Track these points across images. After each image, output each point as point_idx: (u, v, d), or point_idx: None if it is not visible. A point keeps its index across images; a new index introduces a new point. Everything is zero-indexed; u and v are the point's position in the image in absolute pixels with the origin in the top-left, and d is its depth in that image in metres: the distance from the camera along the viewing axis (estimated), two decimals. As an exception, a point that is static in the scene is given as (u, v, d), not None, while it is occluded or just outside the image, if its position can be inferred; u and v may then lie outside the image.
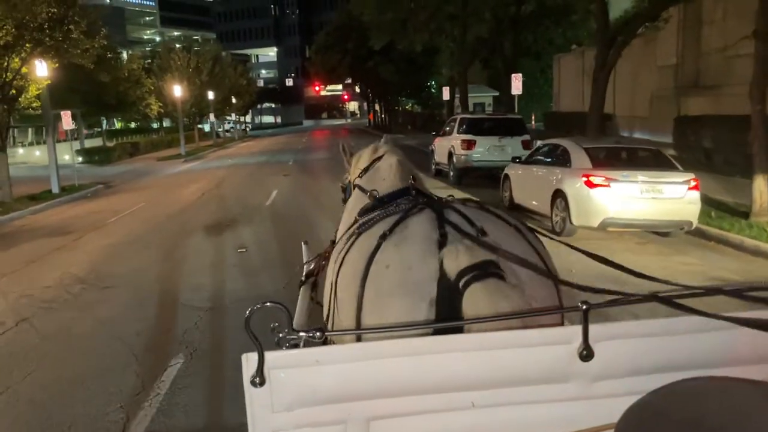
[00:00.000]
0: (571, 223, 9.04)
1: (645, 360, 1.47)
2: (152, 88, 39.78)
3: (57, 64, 18.46)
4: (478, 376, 1.44)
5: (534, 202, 10.55)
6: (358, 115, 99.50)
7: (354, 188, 2.86)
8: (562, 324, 1.71)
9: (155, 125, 59.20)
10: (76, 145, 42.31)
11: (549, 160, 10.39)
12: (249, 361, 1.35)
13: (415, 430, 1.47)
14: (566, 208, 9.09)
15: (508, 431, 1.50)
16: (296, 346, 1.48)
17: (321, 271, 2.69)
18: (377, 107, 65.64)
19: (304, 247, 3.51)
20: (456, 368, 1.42)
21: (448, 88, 30.95)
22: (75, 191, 20.88)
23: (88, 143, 42.36)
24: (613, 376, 1.47)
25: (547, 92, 46.03)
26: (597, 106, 15.26)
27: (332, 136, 51.93)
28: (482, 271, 1.63)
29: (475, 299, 1.60)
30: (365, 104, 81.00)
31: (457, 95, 33.55)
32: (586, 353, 1.43)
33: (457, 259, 1.67)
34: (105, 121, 61.54)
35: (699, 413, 1.08)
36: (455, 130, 16.75)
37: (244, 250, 9.34)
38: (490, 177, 16.55)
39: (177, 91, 38.44)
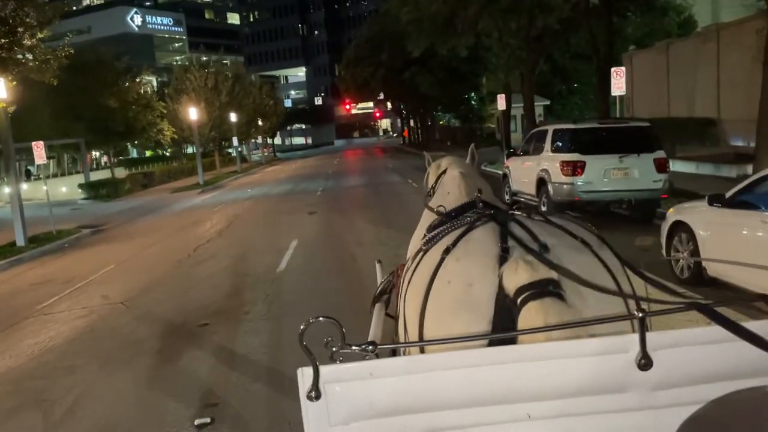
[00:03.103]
0: None
1: (706, 368, 1.40)
2: (164, 111, 35.66)
3: (14, 81, 14.16)
4: (534, 387, 1.39)
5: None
6: (391, 133, 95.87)
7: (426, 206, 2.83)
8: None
9: (190, 150, 55.42)
10: (100, 175, 38.65)
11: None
12: (304, 376, 1.34)
13: None
14: None
15: None
16: (377, 356, 1.46)
17: (394, 288, 2.60)
18: (412, 123, 60.92)
19: (377, 266, 3.48)
20: (511, 380, 1.38)
21: (503, 96, 25.84)
22: (49, 241, 16.45)
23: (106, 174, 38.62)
24: (674, 385, 1.41)
25: (604, 98, 40.71)
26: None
27: (367, 157, 47.23)
28: (540, 290, 1.56)
29: (529, 318, 1.54)
30: (398, 121, 76.88)
31: (519, 105, 28.73)
32: (645, 362, 1.36)
33: (516, 275, 1.61)
34: (134, 150, 58.48)
35: (759, 425, 1.01)
36: (547, 146, 11.68)
37: (206, 421, 4.43)
38: (605, 214, 11.47)
39: (193, 113, 34.30)
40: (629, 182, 10.50)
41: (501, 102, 26.00)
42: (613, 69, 14.72)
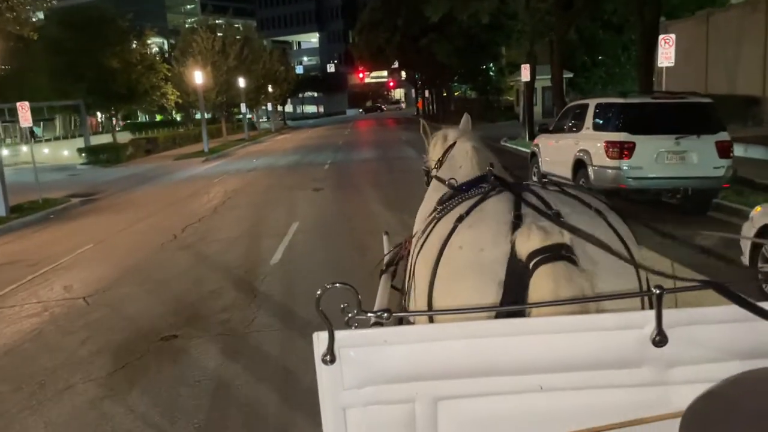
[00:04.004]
0: None
1: (721, 347, 1.39)
2: (168, 74, 34.01)
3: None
4: (548, 359, 1.39)
5: None
6: (404, 104, 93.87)
7: (433, 177, 2.78)
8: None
9: (200, 115, 53.60)
10: (105, 139, 37.11)
11: None
12: (320, 340, 1.35)
13: (483, 412, 1.42)
14: None
15: (576, 415, 1.42)
16: (379, 325, 1.45)
17: (401, 260, 2.64)
18: (427, 94, 58.86)
19: (384, 237, 3.44)
20: (524, 351, 1.38)
21: (527, 66, 24.08)
22: (33, 211, 15.20)
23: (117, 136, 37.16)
24: (688, 363, 1.40)
25: (629, 72, 38.72)
26: None
27: (379, 128, 45.55)
28: (552, 254, 1.56)
29: (539, 282, 1.54)
30: (412, 91, 74.75)
31: (544, 76, 27.09)
32: (660, 339, 1.35)
33: (528, 240, 1.60)
34: (146, 114, 56.83)
35: None
36: (587, 123, 10.13)
37: None
38: (652, 204, 10.00)
39: (198, 77, 32.68)
40: (686, 168, 8.96)
41: (525, 73, 24.22)
42: (661, 36, 13.04)
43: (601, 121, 9.81)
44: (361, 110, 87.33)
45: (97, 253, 9.75)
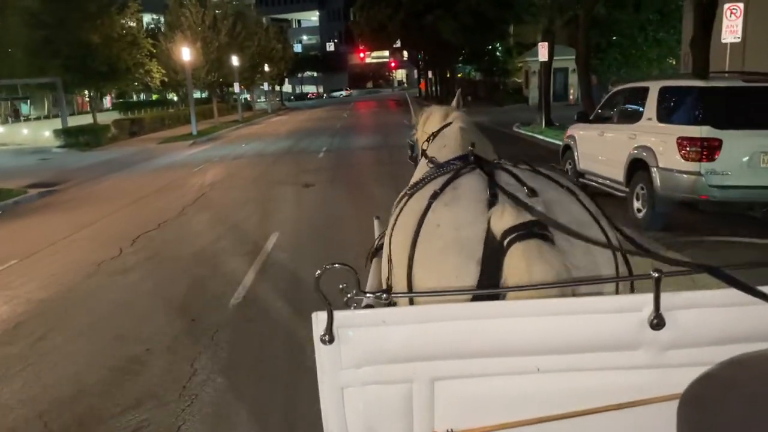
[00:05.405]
0: None
1: (719, 330, 1.38)
2: (153, 50, 31.48)
3: None
4: (545, 341, 1.37)
5: None
6: (406, 85, 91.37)
7: (422, 152, 2.81)
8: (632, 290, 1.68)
9: (197, 95, 50.60)
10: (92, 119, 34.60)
11: None
12: (319, 320, 1.34)
13: (480, 392, 1.41)
14: None
15: (574, 397, 1.40)
16: (370, 307, 1.45)
17: None
18: (430, 75, 56.22)
19: (375, 222, 3.40)
20: (521, 333, 1.37)
21: (545, 44, 21.70)
22: (-23, 206, 13.00)
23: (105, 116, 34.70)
24: (686, 346, 1.38)
25: (646, 54, 36.30)
26: None
27: (380, 110, 43.12)
28: (525, 231, 1.54)
29: (512, 261, 1.52)
30: (415, 72, 72.13)
31: (557, 56, 24.81)
32: (657, 322, 1.34)
33: (502, 218, 1.59)
34: (142, 93, 54.15)
35: None
36: (649, 112, 7.86)
37: None
38: (725, 216, 7.81)
39: (186, 54, 30.20)
40: (788, 175, 6.75)
41: (543, 51, 21.82)
42: (726, 6, 10.74)
43: (671, 110, 7.55)
44: (342, 93, 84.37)
45: (14, 275, 7.53)
